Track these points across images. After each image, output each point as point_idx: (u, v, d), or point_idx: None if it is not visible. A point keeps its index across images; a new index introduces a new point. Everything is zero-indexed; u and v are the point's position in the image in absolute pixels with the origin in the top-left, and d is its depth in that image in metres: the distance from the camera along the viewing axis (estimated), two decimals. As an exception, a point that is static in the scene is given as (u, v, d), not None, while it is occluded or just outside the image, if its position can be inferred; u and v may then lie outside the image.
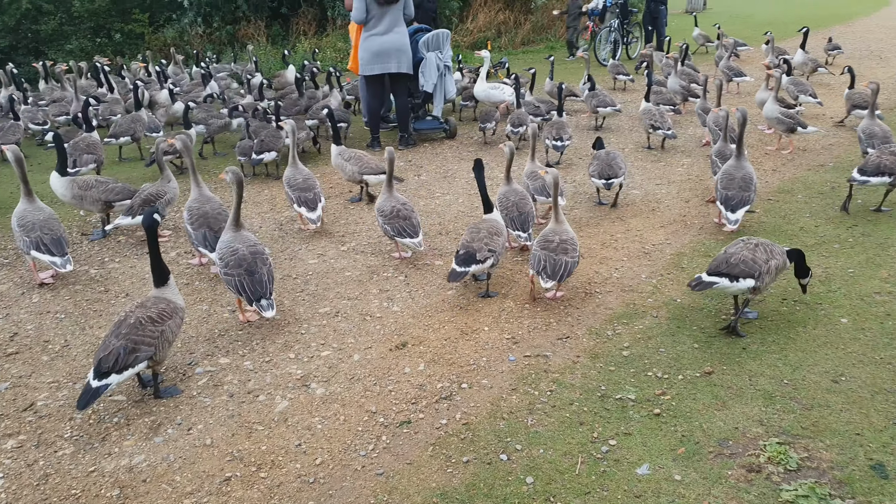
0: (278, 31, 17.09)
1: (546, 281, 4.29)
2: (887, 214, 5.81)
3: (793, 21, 23.04)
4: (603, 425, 3.33)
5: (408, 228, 5.04)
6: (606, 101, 9.19)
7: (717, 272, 3.99)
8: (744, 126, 5.60)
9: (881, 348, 3.83)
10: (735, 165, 5.51)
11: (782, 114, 7.65)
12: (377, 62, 7.97)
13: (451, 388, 3.69)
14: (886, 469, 2.90)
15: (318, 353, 4.05)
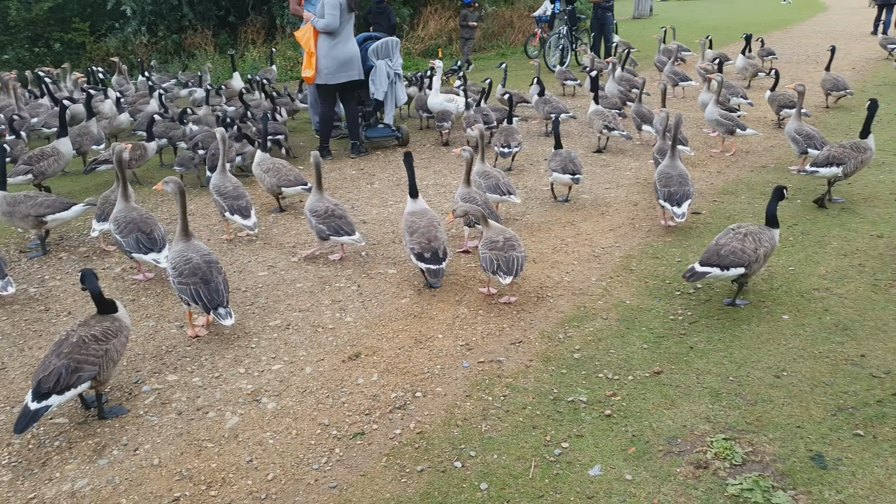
0: (226, 39, 16.85)
1: (505, 277, 4.39)
2: (824, 213, 6.02)
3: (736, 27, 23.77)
4: (556, 428, 3.36)
5: (344, 227, 5.10)
6: (559, 107, 9.34)
7: (708, 263, 4.23)
8: (678, 128, 5.83)
9: (820, 343, 3.97)
10: (670, 164, 5.73)
11: (722, 116, 7.89)
12: (343, 70, 7.94)
13: (405, 397, 3.67)
14: (825, 459, 3.00)
15: (268, 367, 3.99)
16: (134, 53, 15.51)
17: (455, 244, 5.76)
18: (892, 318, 4.19)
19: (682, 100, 11.58)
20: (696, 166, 7.73)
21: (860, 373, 3.64)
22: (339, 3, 7.65)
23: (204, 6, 16.37)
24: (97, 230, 5.40)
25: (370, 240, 5.87)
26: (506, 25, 21.56)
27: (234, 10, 17.18)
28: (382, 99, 8.63)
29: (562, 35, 15.58)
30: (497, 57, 19.05)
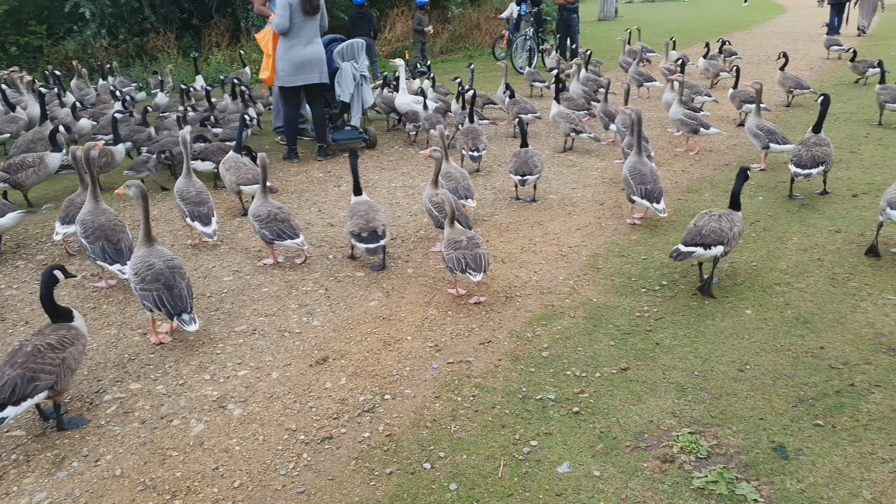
0: (189, 42, 16.61)
1: (475, 275, 4.42)
2: (785, 210, 6.15)
3: (699, 28, 24.21)
4: (524, 427, 3.37)
5: (287, 230, 5.09)
6: (527, 108, 9.42)
7: (692, 243, 4.48)
8: (640, 124, 5.96)
9: (781, 336, 4.05)
10: (639, 161, 5.81)
11: (686, 115, 8.02)
12: (300, 73, 7.87)
13: (373, 400, 3.65)
14: (787, 450, 3.06)
15: (234, 373, 3.93)
16: (94, 57, 15.19)
17: (425, 245, 5.75)
18: (850, 310, 4.29)
19: (646, 100, 11.74)
20: (661, 165, 7.82)
21: (819, 364, 3.72)
22: (288, 4, 7.62)
23: (166, 8, 16.10)
24: (60, 234, 5.28)
25: (338, 243, 5.83)
26: (473, 27, 21.66)
27: (198, 13, 16.94)
28: (349, 101, 8.59)
29: (528, 37, 15.68)
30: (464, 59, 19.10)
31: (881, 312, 4.24)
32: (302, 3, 7.63)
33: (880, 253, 5.03)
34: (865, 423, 3.20)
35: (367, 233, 4.98)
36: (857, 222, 5.74)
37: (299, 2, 7.63)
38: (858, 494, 2.78)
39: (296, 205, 6.92)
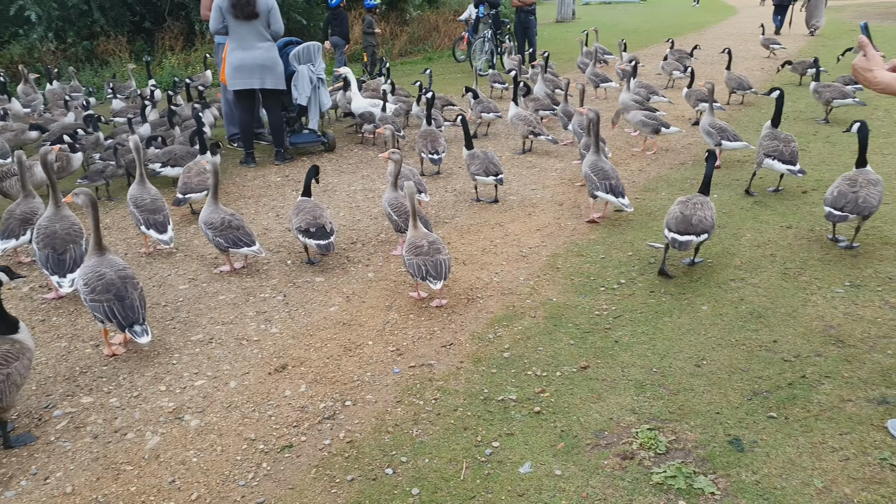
0: (142, 46, 16.25)
1: (435, 283, 4.39)
2: (739, 207, 6.29)
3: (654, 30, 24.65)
4: (486, 428, 3.37)
5: (243, 237, 5.00)
6: (490, 107, 9.48)
7: (687, 232, 4.72)
8: (598, 124, 6.05)
9: (736, 331, 4.13)
10: (598, 159, 5.91)
11: (646, 116, 8.14)
12: (239, 77, 7.76)
13: (334, 406, 3.61)
14: (742, 443, 3.12)
15: (191, 384, 3.85)
16: (41, 61, 14.74)
17: (386, 249, 5.72)
18: (801, 304, 4.40)
19: (603, 100, 11.89)
20: (619, 165, 7.93)
21: (773, 358, 3.81)
22: (218, 7, 7.56)
23: (116, 11, 15.70)
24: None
25: (297, 248, 5.76)
26: (431, 29, 21.67)
27: (150, 16, 16.57)
28: (306, 104, 8.50)
29: (487, 39, 15.75)
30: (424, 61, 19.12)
31: (830, 305, 4.36)
32: (231, 7, 7.52)
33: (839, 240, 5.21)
34: (816, 414, 3.29)
35: (315, 228, 5.02)
36: (808, 218, 5.90)
37: (228, 5, 7.52)
38: (810, 483, 2.85)
39: (253, 210, 6.82)
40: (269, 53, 7.82)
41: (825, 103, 9.45)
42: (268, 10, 7.67)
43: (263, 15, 7.65)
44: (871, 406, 3.33)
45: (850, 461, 2.96)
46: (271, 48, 7.84)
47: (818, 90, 9.47)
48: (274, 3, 7.75)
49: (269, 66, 7.79)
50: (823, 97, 9.39)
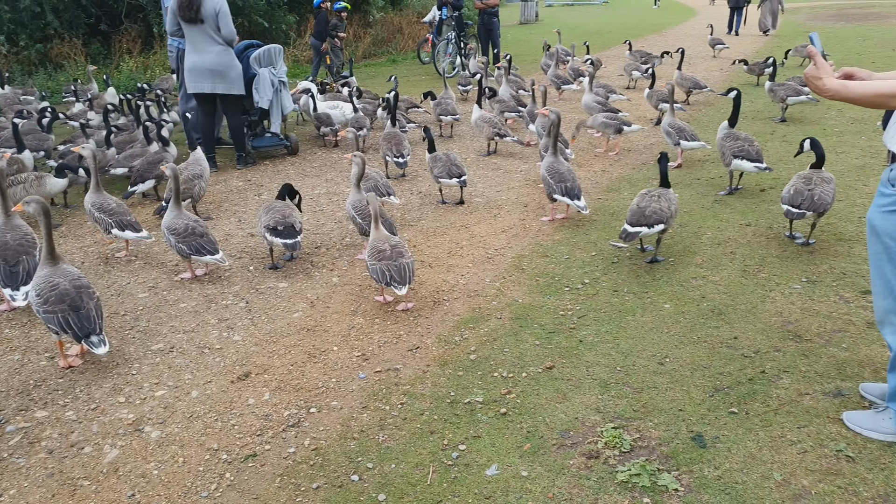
0: (98, 49, 15.88)
1: (400, 288, 4.36)
2: (699, 206, 6.39)
3: (616, 31, 24.97)
4: (453, 431, 3.36)
5: (206, 245, 4.91)
6: (449, 108, 9.50)
7: (637, 223, 4.88)
8: (558, 126, 6.12)
9: (698, 328, 4.19)
10: (555, 161, 5.97)
11: (607, 117, 8.23)
12: (192, 80, 7.66)
13: (299, 414, 3.56)
14: (704, 439, 3.16)
15: (151, 394, 3.76)
16: (-7, 65, 14.33)
17: (351, 253, 5.68)
18: (760, 300, 4.49)
19: (567, 102, 11.99)
20: (582, 166, 8.01)
21: (733, 354, 3.87)
22: (171, 10, 7.54)
23: (71, 14, 15.30)
24: None
25: (259, 254, 5.68)
26: (395, 31, 21.64)
27: (106, 18, 16.21)
28: (267, 107, 8.41)
29: (451, 41, 15.78)
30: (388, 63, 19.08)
31: (788, 301, 4.46)
32: (178, 8, 7.42)
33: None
34: (776, 408, 3.35)
35: (283, 226, 4.98)
36: (766, 216, 6.03)
37: (177, 7, 7.42)
38: (770, 476, 2.90)
39: (214, 215, 6.71)
40: (221, 58, 7.63)
41: (780, 101, 9.68)
42: (215, 14, 7.47)
43: (211, 19, 7.47)
44: (828, 399, 3.41)
45: (808, 454, 3.02)
46: (224, 52, 7.63)
47: (773, 89, 9.70)
48: (224, 7, 7.51)
49: (219, 71, 7.63)
50: (778, 95, 9.62)
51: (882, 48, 16.56)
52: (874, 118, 9.51)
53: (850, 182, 6.77)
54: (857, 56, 15.91)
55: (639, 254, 5.33)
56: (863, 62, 14.74)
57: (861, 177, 6.96)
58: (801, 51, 14.66)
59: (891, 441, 3.05)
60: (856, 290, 4.55)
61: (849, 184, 6.71)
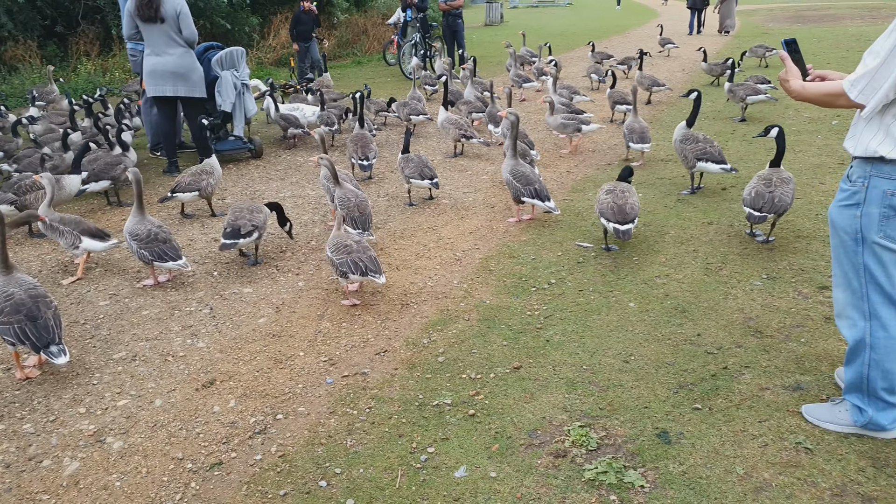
0: (55, 51, 15.49)
1: (378, 276, 4.50)
2: (663, 205, 6.49)
3: (581, 32, 25.23)
4: (421, 434, 3.35)
5: (169, 251, 4.85)
6: (418, 108, 9.54)
7: (625, 221, 5.10)
8: (517, 127, 6.19)
9: (662, 326, 4.26)
10: (517, 163, 6.03)
11: (565, 118, 8.32)
12: (152, 83, 7.52)
13: (265, 421, 3.52)
14: (669, 435, 3.21)
15: (113, 404, 3.68)
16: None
17: (316, 257, 5.64)
18: (722, 297, 4.58)
19: (530, 102, 12.08)
20: (548, 167, 8.07)
21: (697, 351, 3.94)
22: (128, 12, 7.39)
23: (25, 15, 14.88)
24: None
25: (223, 259, 5.61)
26: (360, 33, 21.55)
27: (62, 20, 15.83)
28: (230, 110, 8.30)
29: (416, 42, 15.77)
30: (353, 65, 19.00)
31: (749, 298, 4.55)
32: (136, 8, 7.29)
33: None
34: (737, 403, 3.42)
35: (230, 228, 5.15)
36: (727, 214, 6.15)
37: (135, 7, 7.28)
38: (732, 470, 2.95)
39: (177, 220, 6.60)
40: (183, 60, 7.52)
41: (740, 101, 9.89)
42: (176, 15, 7.37)
43: (171, 19, 7.36)
44: (787, 393, 3.49)
45: (769, 447, 3.09)
46: (185, 54, 7.53)
47: (732, 90, 9.91)
48: (184, 7, 7.43)
49: (181, 74, 7.52)
50: (738, 95, 9.84)
51: (836, 49, 17.02)
52: (829, 118, 9.78)
53: (807, 180, 6.94)
54: (813, 57, 16.32)
55: (604, 253, 5.39)
56: (818, 63, 15.12)
57: (818, 175, 7.14)
58: (756, 51, 15.03)
59: (847, 432, 3.13)
60: (813, 285, 4.67)
61: (806, 182, 6.88)
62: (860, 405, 3.07)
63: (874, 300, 2.92)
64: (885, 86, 2.60)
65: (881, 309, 2.91)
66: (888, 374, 2.96)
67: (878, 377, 2.97)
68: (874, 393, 3.01)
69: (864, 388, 3.03)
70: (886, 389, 2.99)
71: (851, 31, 21.98)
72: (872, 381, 2.99)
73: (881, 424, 3.05)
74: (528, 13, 41.19)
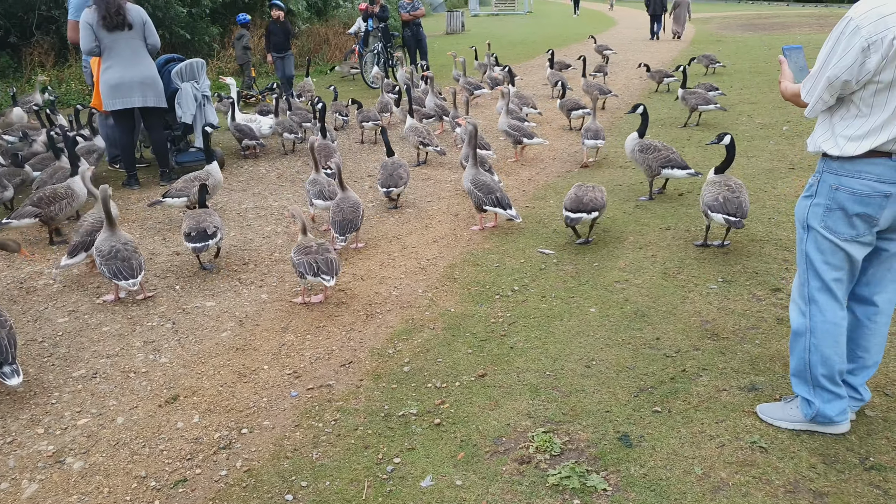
0: (8, 62, 15.12)
1: (328, 279, 4.58)
2: (622, 212, 6.63)
3: (541, 41, 25.55)
4: (387, 445, 3.37)
5: (124, 270, 4.78)
6: (370, 116, 9.66)
7: (577, 210, 5.47)
8: (476, 136, 6.35)
9: (622, 331, 4.35)
10: (479, 171, 6.15)
11: (511, 127, 8.44)
12: (118, 96, 7.36)
13: (230, 436, 3.50)
14: (630, 438, 3.29)
15: (73, 423, 3.62)
16: None
17: (280, 268, 5.62)
18: (680, 301, 4.70)
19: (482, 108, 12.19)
20: (510, 175, 8.17)
21: (656, 354, 4.04)
22: (87, 24, 7.16)
23: (-23, 25, 14.58)
24: None
25: (185, 271, 5.55)
26: (322, 42, 21.49)
27: (15, 30, 15.46)
28: (191, 122, 8.22)
29: (378, 52, 15.81)
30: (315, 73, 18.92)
31: (706, 301, 4.68)
32: (101, 18, 7.15)
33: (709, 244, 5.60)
34: (696, 405, 3.52)
35: (195, 232, 5.23)
36: (684, 219, 6.30)
37: (98, 18, 7.16)
38: (691, 471, 3.04)
39: (138, 234, 6.51)
40: (149, 70, 7.47)
41: (691, 109, 10.15)
42: (142, 23, 7.32)
43: (138, 27, 7.29)
44: (743, 393, 3.60)
45: (726, 447, 3.19)
46: (150, 65, 7.50)
47: (685, 97, 10.17)
48: (147, 16, 7.42)
49: (149, 84, 7.45)
50: (689, 103, 10.09)
51: (787, 57, 17.54)
52: (780, 123, 10.09)
53: (760, 185, 7.16)
54: (764, 64, 16.82)
55: (565, 260, 5.48)
56: (769, 70, 15.61)
57: (770, 179, 7.37)
58: (702, 59, 15.51)
59: (800, 429, 3.25)
60: (767, 288, 4.82)
61: (759, 186, 7.09)
62: (808, 397, 3.19)
63: (813, 286, 3.09)
64: (819, 88, 2.84)
65: (818, 294, 3.07)
66: (827, 361, 3.08)
67: (818, 362, 3.10)
68: (816, 381, 3.13)
69: (808, 375, 3.16)
70: (826, 377, 3.10)
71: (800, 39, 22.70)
72: (813, 366, 3.12)
73: (828, 416, 3.15)
74: (489, 21, 41.57)
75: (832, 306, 3.05)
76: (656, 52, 20.33)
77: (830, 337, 3.06)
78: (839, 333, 3.06)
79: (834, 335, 3.06)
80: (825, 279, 3.04)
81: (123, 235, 4.94)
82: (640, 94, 13.69)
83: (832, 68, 2.75)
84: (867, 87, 2.74)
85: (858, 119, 2.81)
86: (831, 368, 3.09)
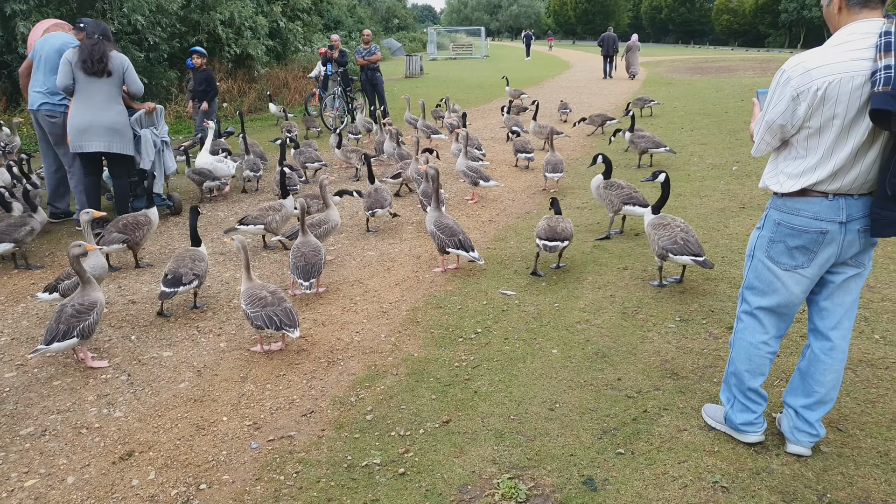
0: (-42, 106, 14.78)
1: (292, 331, 4.53)
2: (580, 252, 6.74)
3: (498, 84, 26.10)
4: (351, 497, 3.31)
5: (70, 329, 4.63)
6: (313, 156, 9.99)
7: (555, 238, 5.89)
8: (437, 180, 6.44)
9: (584, 372, 4.39)
10: (441, 214, 6.23)
11: (468, 168, 8.59)
12: (81, 139, 7.23)
13: (188, 492, 3.39)
14: (595, 482, 3.29)
15: (20, 485, 3.46)
16: None
17: (239, 316, 5.53)
18: (639, 341, 4.77)
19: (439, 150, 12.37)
20: (470, 216, 8.26)
21: (618, 395, 4.08)
22: (68, 62, 7.08)
23: (-76, 70, 14.23)
24: None
25: (142, 320, 5.42)
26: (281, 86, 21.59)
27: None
28: (150, 168, 8.11)
29: (337, 96, 15.94)
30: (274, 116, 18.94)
31: (664, 340, 4.76)
32: (81, 62, 7.09)
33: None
34: (658, 446, 3.55)
35: (171, 275, 5.28)
36: (640, 259, 6.44)
37: (79, 61, 7.09)
38: (656, 514, 3.05)
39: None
40: (121, 116, 7.34)
41: (641, 152, 10.46)
42: (122, 70, 7.25)
43: (118, 74, 7.22)
44: (703, 433, 3.65)
45: (688, 487, 3.22)
46: (122, 112, 7.37)
47: (633, 140, 10.50)
48: (129, 63, 7.36)
49: (119, 130, 7.33)
50: (639, 147, 10.41)
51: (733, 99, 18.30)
52: (730, 164, 10.46)
53: (712, 224, 7.38)
54: (713, 105, 17.50)
55: (527, 301, 5.53)
56: (717, 111, 16.23)
57: (722, 219, 7.60)
58: (637, 102, 16.17)
59: (718, 429, 3.63)
60: (723, 326, 4.93)
61: (711, 226, 7.30)
62: (724, 401, 3.58)
63: (743, 307, 3.44)
64: (761, 130, 3.13)
65: (745, 316, 3.43)
66: (739, 375, 3.44)
67: (732, 374, 3.49)
68: (730, 390, 3.53)
69: (729, 383, 3.54)
70: (738, 388, 3.48)
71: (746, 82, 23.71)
72: (728, 376, 3.53)
73: (733, 421, 3.51)
74: (446, 65, 42.39)
75: (755, 330, 3.38)
76: (607, 94, 20.96)
77: (745, 354, 3.41)
78: (755, 354, 3.38)
79: (749, 354, 3.40)
80: (752, 304, 3.37)
81: (92, 294, 4.61)
82: (591, 137, 14.07)
83: (769, 113, 3.04)
84: (801, 132, 3.01)
85: (797, 160, 3.07)
86: (742, 383, 3.44)
